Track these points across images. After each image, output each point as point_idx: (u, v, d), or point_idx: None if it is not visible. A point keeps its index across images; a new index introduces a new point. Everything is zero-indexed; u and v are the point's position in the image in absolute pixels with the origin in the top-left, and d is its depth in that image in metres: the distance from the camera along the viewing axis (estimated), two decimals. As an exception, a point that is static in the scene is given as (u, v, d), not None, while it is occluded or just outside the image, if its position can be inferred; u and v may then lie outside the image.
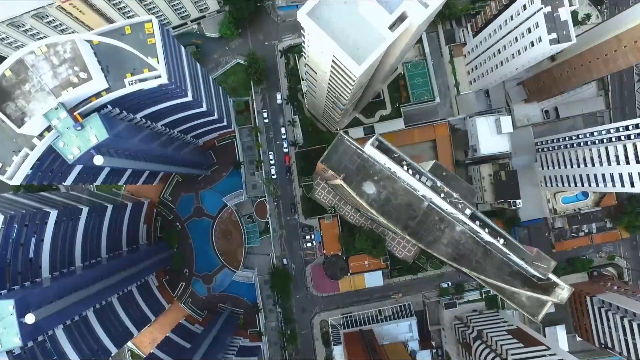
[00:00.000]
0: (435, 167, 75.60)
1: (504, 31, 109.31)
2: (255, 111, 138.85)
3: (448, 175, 75.67)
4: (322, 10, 63.59)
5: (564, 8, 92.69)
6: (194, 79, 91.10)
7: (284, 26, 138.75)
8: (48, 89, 67.08)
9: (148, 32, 71.87)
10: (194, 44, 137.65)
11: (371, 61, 62.33)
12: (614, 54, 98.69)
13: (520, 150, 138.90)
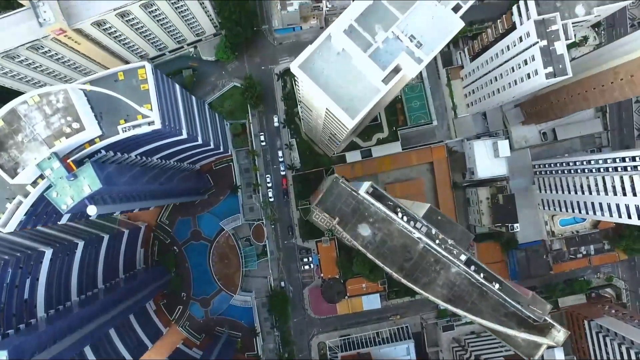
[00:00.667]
0: (430, 211, 75.37)
1: (500, 60, 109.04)
2: (252, 134, 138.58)
3: (443, 220, 75.44)
4: (315, 61, 63.34)
5: (559, 42, 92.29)
6: (189, 115, 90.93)
7: (281, 49, 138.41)
8: (41, 138, 66.87)
9: (141, 78, 71.65)
10: (190, 67, 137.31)
11: (364, 113, 62.02)
12: (610, 85, 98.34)
13: (518, 172, 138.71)
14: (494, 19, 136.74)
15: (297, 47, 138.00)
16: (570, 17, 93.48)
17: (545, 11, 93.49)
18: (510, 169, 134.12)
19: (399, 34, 58.25)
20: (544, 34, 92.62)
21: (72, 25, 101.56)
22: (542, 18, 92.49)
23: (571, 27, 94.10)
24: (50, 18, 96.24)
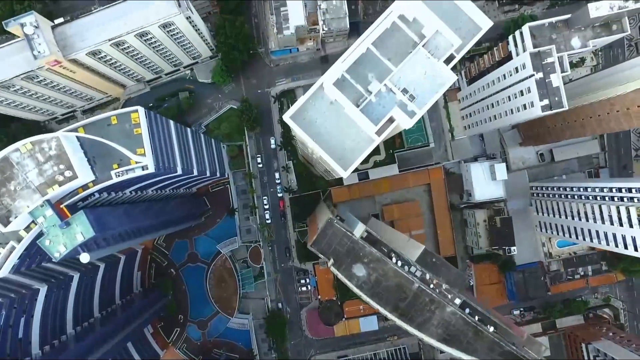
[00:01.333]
0: (425, 253, 75.22)
1: (496, 87, 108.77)
2: (249, 156, 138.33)
3: (437, 262, 75.28)
4: (308, 110, 63.19)
5: (555, 74, 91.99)
6: (184, 151, 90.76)
7: (277, 70, 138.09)
8: (33, 186, 66.72)
9: (134, 122, 71.47)
10: (186, 89, 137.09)
11: (357, 164, 61.83)
12: (606, 115, 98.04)
13: (515, 194, 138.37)
14: (492, 39, 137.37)
15: (294, 68, 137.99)
16: (566, 50, 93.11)
17: (541, 43, 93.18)
18: (508, 190, 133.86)
19: (392, 87, 57.99)
20: (540, 67, 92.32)
21: (67, 56, 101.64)
22: (537, 50, 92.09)
23: (567, 60, 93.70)
24: (45, 50, 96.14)
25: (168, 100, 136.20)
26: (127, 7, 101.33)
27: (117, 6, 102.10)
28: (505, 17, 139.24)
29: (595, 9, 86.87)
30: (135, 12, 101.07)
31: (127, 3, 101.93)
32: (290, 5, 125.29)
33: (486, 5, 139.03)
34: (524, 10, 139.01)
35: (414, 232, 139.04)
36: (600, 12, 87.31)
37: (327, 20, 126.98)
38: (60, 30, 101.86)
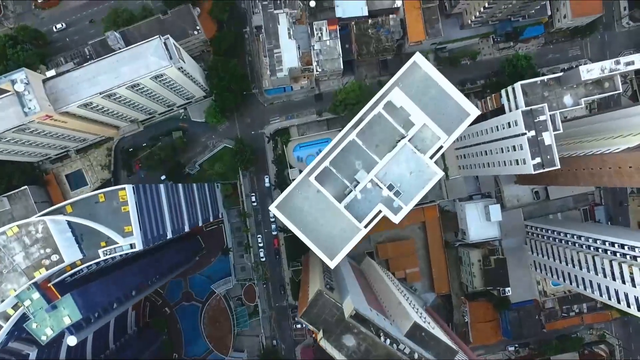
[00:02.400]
0: (415, 327, 74.94)
1: (490, 136, 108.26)
2: (244, 194, 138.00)
3: (427, 335, 75.03)
4: (295, 198, 62.85)
5: (547, 133, 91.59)
6: (175, 211, 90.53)
7: (271, 109, 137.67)
8: (20, 269, 66.48)
9: (122, 199, 71.20)
10: (180, 128, 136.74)
11: (344, 254, 61.51)
12: (599, 171, 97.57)
13: (510, 232, 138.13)
14: (487, 76, 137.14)
15: (288, 107, 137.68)
16: (558, 108, 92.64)
17: (533, 101, 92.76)
18: (503, 228, 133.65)
19: (378, 182, 57.64)
20: (532, 125, 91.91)
21: (59, 109, 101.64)
22: (529, 109, 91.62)
23: (559, 118, 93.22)
24: (36, 107, 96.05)
25: (162, 139, 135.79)
26: (118, 61, 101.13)
27: (107, 59, 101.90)
28: (500, 54, 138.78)
29: (587, 72, 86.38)
30: (126, 65, 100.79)
31: (117, 56, 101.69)
32: (283, 48, 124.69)
33: (481, 42, 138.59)
34: (519, 48, 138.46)
35: (408, 270, 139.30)
36: (592, 75, 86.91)
37: (321, 62, 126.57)
38: (51, 84, 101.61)
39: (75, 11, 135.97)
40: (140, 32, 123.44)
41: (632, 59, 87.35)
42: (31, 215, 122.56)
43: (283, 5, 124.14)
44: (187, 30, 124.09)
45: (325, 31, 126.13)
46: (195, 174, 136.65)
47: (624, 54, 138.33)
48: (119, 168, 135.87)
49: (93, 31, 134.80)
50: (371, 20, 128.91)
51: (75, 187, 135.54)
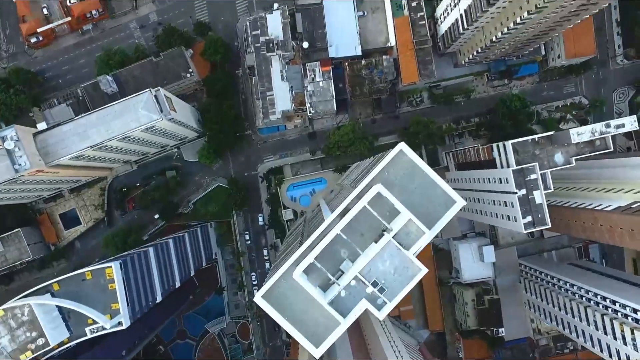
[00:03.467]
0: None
1: (482, 186, 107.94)
2: (237, 233, 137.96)
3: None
4: (280, 289, 62.79)
5: (538, 191, 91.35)
6: (166, 271, 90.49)
7: (265, 147, 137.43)
8: (6, 352, 66.49)
9: (109, 277, 71.19)
10: (173, 167, 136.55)
11: (329, 344, 61.44)
12: (591, 226, 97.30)
13: (504, 270, 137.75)
14: (482, 114, 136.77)
15: (282, 145, 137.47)
16: (549, 166, 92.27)
17: (524, 159, 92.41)
18: (497, 266, 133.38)
19: (362, 279, 57.53)
20: (523, 183, 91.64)
21: (49, 163, 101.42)
22: (520, 168, 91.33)
23: (550, 177, 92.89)
24: (26, 163, 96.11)
25: (155, 178, 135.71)
26: (108, 114, 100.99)
27: (98, 113, 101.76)
28: (494, 91, 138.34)
29: (577, 135, 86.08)
30: (116, 119, 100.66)
31: (108, 110, 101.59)
32: (276, 90, 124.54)
33: (475, 80, 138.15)
34: (514, 86, 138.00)
35: (402, 308, 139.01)
36: (582, 138, 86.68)
37: (314, 103, 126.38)
38: (41, 138, 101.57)
39: (69, 50, 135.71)
40: (133, 74, 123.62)
41: (622, 122, 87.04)
42: (24, 257, 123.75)
43: (276, 48, 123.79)
44: (180, 73, 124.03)
45: (318, 72, 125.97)
46: (189, 213, 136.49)
47: (619, 91, 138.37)
48: (113, 207, 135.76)
49: (87, 70, 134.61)
50: (364, 61, 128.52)
51: (69, 226, 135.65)
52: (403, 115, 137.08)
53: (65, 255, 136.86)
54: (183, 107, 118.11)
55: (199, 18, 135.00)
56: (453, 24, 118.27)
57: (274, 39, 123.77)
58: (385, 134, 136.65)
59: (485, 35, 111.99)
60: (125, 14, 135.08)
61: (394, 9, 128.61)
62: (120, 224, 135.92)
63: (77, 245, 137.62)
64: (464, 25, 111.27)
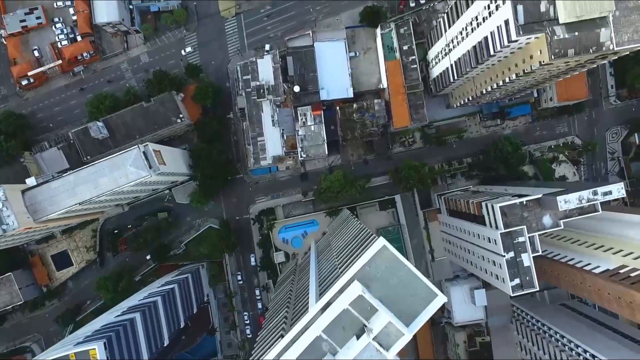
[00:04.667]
0: None
1: (472, 239, 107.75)
2: (230, 273, 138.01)
3: None
4: None
5: (526, 254, 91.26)
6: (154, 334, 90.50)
7: (257, 188, 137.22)
8: None
9: (92, 358, 71.03)
10: (165, 208, 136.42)
11: None
12: (579, 284, 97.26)
13: (496, 310, 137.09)
14: (474, 154, 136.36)
15: (274, 186, 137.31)
16: (537, 229, 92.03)
17: (512, 222, 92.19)
18: (489, 307, 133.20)
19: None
20: (511, 246, 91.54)
21: (38, 219, 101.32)
22: (509, 231, 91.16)
23: (537, 240, 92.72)
24: (14, 222, 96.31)
25: (147, 219, 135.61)
26: (97, 171, 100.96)
27: (86, 170, 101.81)
28: (487, 131, 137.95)
29: (564, 202, 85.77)
30: (104, 176, 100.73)
31: (96, 167, 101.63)
32: (267, 136, 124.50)
33: (468, 120, 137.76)
34: (506, 126, 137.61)
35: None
36: (569, 206, 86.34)
37: (305, 147, 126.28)
38: (30, 195, 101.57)
39: (60, 91, 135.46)
40: (124, 120, 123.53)
41: (609, 189, 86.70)
42: (16, 301, 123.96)
43: (267, 93, 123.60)
44: (171, 118, 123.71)
45: (309, 116, 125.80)
46: (181, 254, 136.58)
47: (612, 130, 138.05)
48: (105, 249, 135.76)
49: (78, 111, 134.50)
50: (356, 104, 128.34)
51: (61, 267, 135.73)
52: (396, 156, 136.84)
53: (58, 295, 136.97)
54: (173, 155, 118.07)
55: (190, 59, 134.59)
56: (444, 71, 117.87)
57: (265, 84, 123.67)
58: (378, 174, 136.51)
59: (475, 86, 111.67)
60: (117, 56, 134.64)
61: (386, 52, 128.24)
62: (112, 265, 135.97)
63: (70, 284, 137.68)
64: (454, 75, 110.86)
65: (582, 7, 76.08)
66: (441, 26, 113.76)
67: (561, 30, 77.67)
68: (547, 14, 78.22)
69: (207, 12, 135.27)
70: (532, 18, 78.24)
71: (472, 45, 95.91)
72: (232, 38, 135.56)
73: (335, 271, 73.01)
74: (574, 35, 77.73)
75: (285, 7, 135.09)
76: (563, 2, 76.31)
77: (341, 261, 74.25)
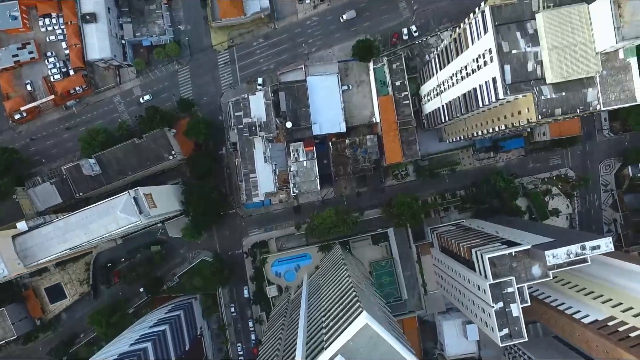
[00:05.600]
0: None
1: (463, 283, 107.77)
2: (223, 305, 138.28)
3: None
4: None
5: (515, 304, 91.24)
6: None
7: (250, 221, 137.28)
8: None
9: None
10: (158, 241, 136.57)
11: None
12: (569, 331, 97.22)
13: (489, 343, 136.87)
14: (467, 187, 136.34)
15: (267, 219, 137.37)
16: (526, 279, 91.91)
17: (501, 272, 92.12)
18: (481, 339, 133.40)
19: None
20: (500, 296, 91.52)
21: (28, 265, 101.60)
22: (497, 282, 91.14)
23: (527, 290, 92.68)
24: (4, 270, 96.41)
25: (141, 252, 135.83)
26: (87, 217, 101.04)
27: (76, 216, 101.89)
28: (480, 164, 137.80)
29: (552, 257, 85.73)
30: (95, 222, 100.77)
31: (87, 212, 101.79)
32: (259, 173, 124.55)
33: (461, 152, 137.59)
34: (499, 158, 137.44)
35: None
36: (557, 260, 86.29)
37: (298, 183, 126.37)
38: (20, 241, 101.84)
39: (53, 124, 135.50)
40: (116, 156, 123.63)
41: (597, 244, 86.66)
42: (9, 336, 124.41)
43: (259, 130, 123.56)
44: (163, 154, 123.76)
45: (302, 152, 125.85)
46: (174, 286, 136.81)
47: (605, 163, 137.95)
48: (98, 281, 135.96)
49: (71, 144, 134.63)
50: (348, 140, 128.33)
51: (55, 300, 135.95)
52: (389, 189, 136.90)
53: (52, 327, 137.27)
54: (165, 193, 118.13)
55: (183, 92, 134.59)
56: (435, 110, 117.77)
57: (257, 120, 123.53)
58: (371, 207, 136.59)
59: (467, 127, 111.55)
60: (110, 89, 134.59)
61: (379, 87, 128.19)
62: (105, 297, 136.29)
63: (64, 316, 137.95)
64: (445, 117, 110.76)
65: (569, 68, 75.92)
66: (433, 65, 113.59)
67: (548, 90, 77.55)
68: (534, 73, 78.08)
69: (200, 46, 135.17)
70: (519, 77, 78.15)
71: (462, 93, 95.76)
72: (224, 71, 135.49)
73: (320, 334, 73.08)
74: (561, 95, 77.67)
75: (278, 40, 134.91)
76: (550, 62, 76.06)
77: (327, 323, 74.31)
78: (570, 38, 75.46)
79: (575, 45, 75.67)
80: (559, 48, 75.75)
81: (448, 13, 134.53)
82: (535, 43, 77.26)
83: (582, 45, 75.54)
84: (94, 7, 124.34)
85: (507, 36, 77.73)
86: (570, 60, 75.72)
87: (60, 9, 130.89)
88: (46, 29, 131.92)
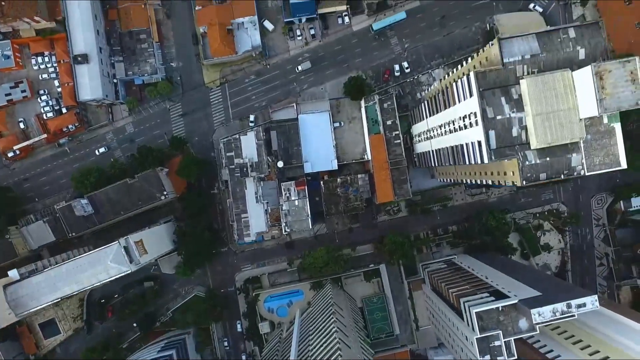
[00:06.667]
0: None
1: (452, 326, 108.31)
2: (216, 339, 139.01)
3: None
4: None
5: (502, 358, 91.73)
6: None
7: (243, 256, 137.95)
8: None
9: None
10: (151, 277, 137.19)
11: None
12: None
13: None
14: (459, 222, 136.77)
15: (260, 254, 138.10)
16: (513, 332, 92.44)
17: (488, 325, 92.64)
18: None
19: None
20: (487, 350, 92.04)
21: (20, 314, 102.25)
22: (484, 336, 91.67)
23: (514, 345, 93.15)
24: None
25: (134, 287, 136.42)
26: (78, 267, 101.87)
27: (67, 265, 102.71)
28: (472, 199, 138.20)
29: (538, 315, 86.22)
30: (85, 272, 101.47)
31: (78, 262, 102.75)
32: (251, 213, 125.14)
33: (453, 188, 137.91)
34: (491, 193, 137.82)
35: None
36: (544, 318, 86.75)
37: (289, 222, 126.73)
38: (12, 290, 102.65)
39: (46, 161, 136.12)
40: (108, 196, 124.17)
41: (583, 302, 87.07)
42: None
43: (250, 170, 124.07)
44: (155, 194, 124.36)
45: (293, 191, 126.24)
46: (168, 321, 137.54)
47: (597, 197, 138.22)
48: (92, 317, 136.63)
49: (64, 181, 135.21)
50: (340, 179, 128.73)
51: (49, 335, 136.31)
52: (381, 224, 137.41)
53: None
54: (157, 235, 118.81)
55: (175, 129, 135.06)
56: (426, 153, 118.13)
57: (248, 160, 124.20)
58: (363, 242, 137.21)
59: (457, 173, 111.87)
60: (102, 127, 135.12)
61: (370, 125, 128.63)
62: (99, 332, 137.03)
63: (58, 350, 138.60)
64: (435, 162, 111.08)
65: (553, 134, 76.27)
66: (423, 109, 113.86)
67: (533, 156, 77.92)
68: (519, 139, 78.46)
69: (192, 83, 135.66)
70: (503, 142, 78.52)
71: (450, 146, 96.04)
72: (217, 108, 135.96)
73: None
74: (545, 161, 78.05)
75: (270, 77, 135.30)
76: (535, 128, 76.38)
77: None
78: (555, 104, 75.77)
79: (559, 112, 75.99)
80: (543, 114, 76.06)
81: (440, 49, 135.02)
82: (520, 109, 77.57)
83: (566, 111, 75.86)
84: (86, 48, 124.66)
85: (491, 101, 78.03)
86: (554, 126, 76.04)
87: (52, 47, 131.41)
88: (39, 67, 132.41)
